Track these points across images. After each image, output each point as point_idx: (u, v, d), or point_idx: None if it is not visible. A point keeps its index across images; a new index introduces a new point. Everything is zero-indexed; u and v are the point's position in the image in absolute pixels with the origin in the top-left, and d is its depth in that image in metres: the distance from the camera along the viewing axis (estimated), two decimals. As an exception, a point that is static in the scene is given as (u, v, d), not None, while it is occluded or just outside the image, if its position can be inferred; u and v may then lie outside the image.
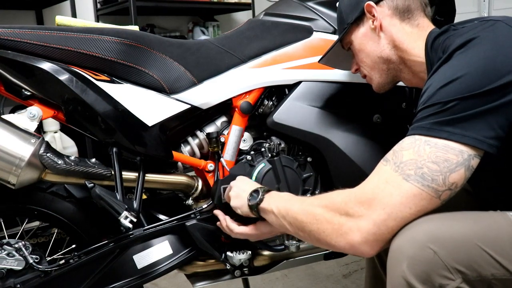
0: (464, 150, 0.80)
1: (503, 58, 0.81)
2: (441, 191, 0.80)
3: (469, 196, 1.10)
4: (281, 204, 1.01)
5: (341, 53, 1.20)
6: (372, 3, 1.06)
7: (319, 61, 1.24)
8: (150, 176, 1.23)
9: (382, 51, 1.08)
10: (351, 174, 1.30)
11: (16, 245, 1.17)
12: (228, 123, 1.31)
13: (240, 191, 1.14)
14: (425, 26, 1.06)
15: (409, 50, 1.05)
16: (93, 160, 1.16)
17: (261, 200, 1.06)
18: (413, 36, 1.05)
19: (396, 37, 1.06)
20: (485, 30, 0.87)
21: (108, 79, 1.16)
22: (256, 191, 1.09)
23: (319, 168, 1.34)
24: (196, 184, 1.29)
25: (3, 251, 1.15)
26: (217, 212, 1.23)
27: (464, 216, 0.83)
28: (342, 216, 0.86)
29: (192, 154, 1.31)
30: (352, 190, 0.88)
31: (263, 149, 1.31)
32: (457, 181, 0.80)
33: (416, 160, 0.81)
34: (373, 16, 1.07)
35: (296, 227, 0.96)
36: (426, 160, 0.80)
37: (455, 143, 0.80)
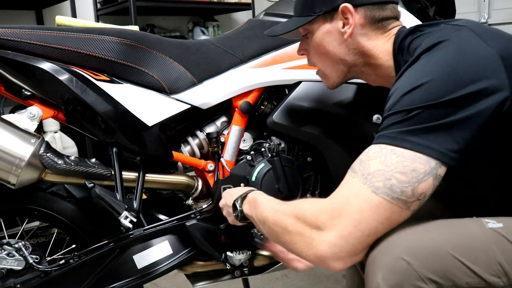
0: (430, 159, 0.78)
1: (465, 66, 0.80)
2: (411, 202, 0.79)
3: (442, 203, 1.09)
4: (258, 212, 0.98)
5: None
6: (350, 7, 0.97)
7: (265, 32, 1.16)
8: (150, 176, 1.23)
9: (346, 55, 1.03)
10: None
11: (16, 245, 1.17)
12: (228, 123, 1.31)
13: (228, 208, 1.13)
14: (395, 28, 1.00)
15: (376, 55, 1.00)
16: (93, 160, 1.16)
17: (241, 212, 1.05)
18: (383, 41, 1.00)
19: (363, 44, 1.00)
20: (451, 35, 0.85)
21: (108, 79, 1.16)
22: (234, 205, 1.07)
23: (319, 168, 1.34)
24: (196, 184, 1.29)
25: (3, 251, 1.15)
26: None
27: (438, 225, 0.82)
28: (313, 230, 0.83)
29: (192, 154, 1.31)
30: (324, 202, 0.85)
31: (263, 149, 1.31)
32: (425, 191, 0.79)
33: (384, 171, 0.79)
34: (346, 19, 0.99)
35: (273, 236, 0.94)
36: (394, 171, 0.78)
37: (420, 153, 0.79)
